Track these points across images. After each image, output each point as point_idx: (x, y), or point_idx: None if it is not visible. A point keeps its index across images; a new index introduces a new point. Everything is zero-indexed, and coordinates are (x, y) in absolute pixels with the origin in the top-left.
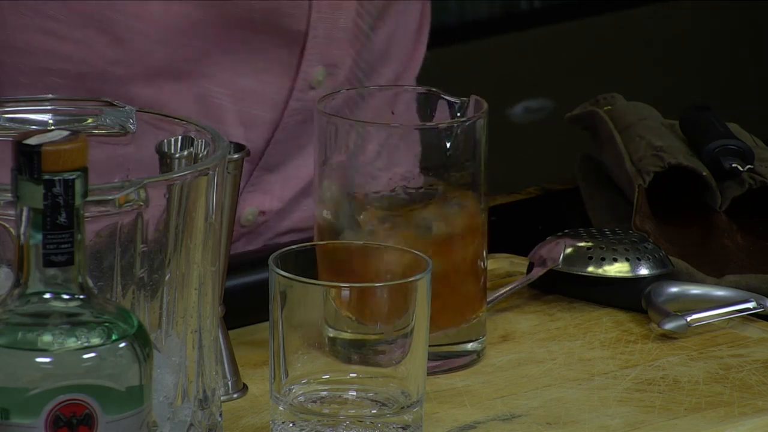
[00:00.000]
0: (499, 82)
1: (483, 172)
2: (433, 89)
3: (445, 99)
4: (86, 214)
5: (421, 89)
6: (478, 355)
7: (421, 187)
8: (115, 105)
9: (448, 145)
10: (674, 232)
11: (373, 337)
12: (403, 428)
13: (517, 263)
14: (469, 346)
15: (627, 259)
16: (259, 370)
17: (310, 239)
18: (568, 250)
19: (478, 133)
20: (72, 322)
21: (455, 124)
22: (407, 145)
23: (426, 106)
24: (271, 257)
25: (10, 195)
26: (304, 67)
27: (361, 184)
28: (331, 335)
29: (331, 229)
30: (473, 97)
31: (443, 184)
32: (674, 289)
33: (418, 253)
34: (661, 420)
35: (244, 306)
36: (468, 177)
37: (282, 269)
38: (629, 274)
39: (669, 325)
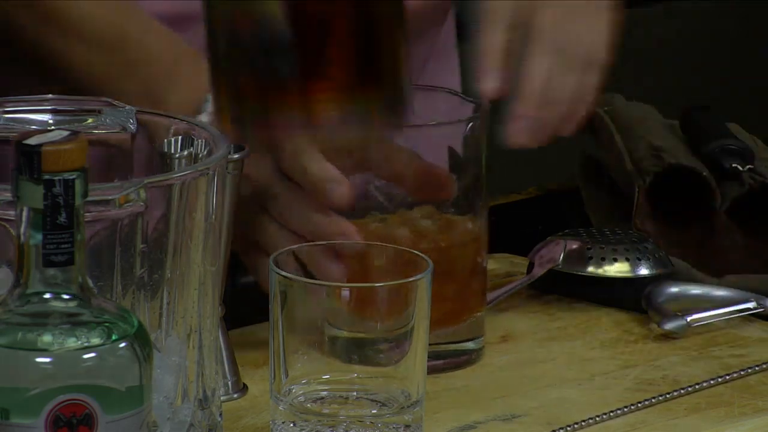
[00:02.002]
0: None
1: (483, 172)
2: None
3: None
4: (86, 214)
5: (423, 88)
6: (478, 354)
7: None
8: (115, 105)
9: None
10: (674, 232)
11: (373, 336)
12: (404, 428)
13: (517, 263)
14: (469, 345)
15: (627, 259)
16: (259, 370)
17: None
18: (568, 250)
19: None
20: (72, 322)
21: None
22: (408, 144)
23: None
24: (271, 257)
25: (10, 195)
26: None
27: (361, 183)
28: (331, 335)
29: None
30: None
31: None
32: (674, 289)
33: (418, 253)
34: (661, 420)
35: (244, 306)
36: (469, 177)
37: (282, 269)
38: (629, 274)
39: (669, 325)
